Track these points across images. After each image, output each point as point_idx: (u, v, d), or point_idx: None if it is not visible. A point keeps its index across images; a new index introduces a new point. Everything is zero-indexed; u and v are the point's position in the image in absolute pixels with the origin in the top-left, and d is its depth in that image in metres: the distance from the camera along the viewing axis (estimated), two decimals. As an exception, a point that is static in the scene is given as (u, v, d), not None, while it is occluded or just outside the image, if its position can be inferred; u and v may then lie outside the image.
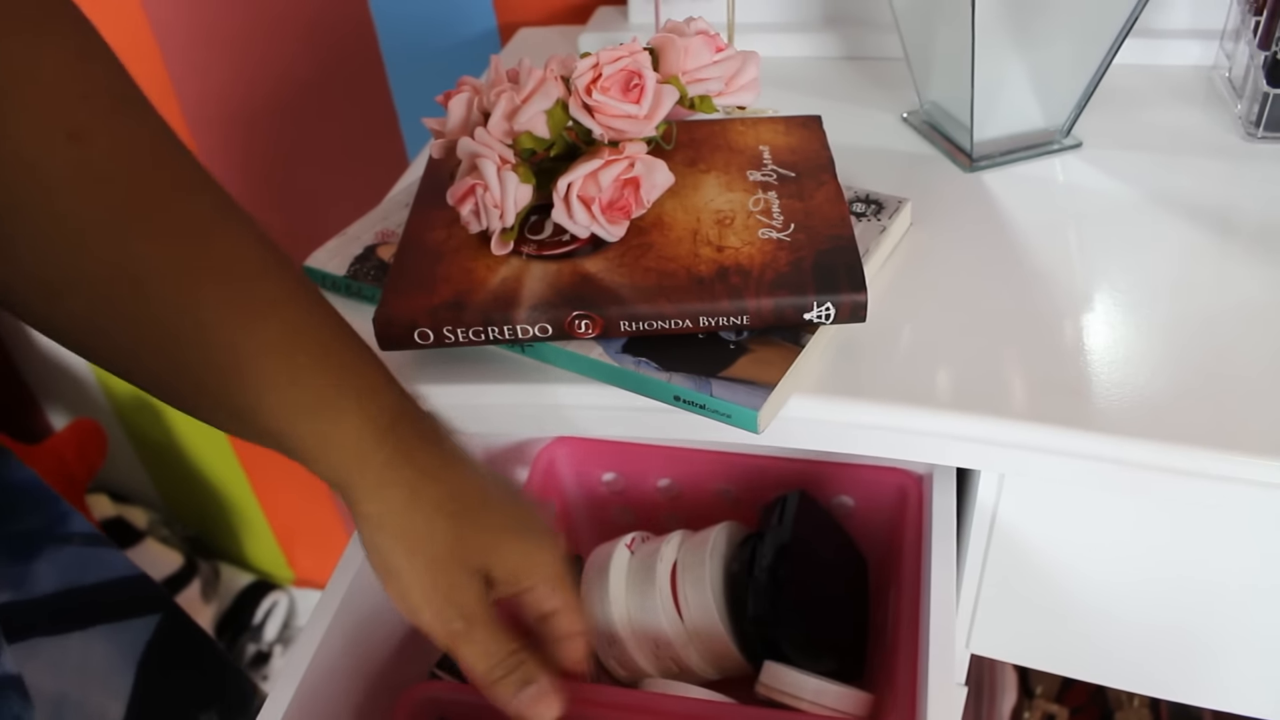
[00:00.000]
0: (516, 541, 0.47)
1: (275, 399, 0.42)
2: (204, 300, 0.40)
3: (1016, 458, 0.52)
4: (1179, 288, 0.59)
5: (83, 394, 1.74)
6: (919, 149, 0.75)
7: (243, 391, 0.42)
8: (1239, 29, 0.76)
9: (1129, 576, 0.59)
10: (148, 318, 0.40)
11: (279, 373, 0.42)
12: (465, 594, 0.45)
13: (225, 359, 0.41)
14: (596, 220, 0.54)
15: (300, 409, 0.42)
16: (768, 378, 0.51)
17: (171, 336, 0.40)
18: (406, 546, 0.45)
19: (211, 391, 0.42)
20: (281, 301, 0.42)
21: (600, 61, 0.54)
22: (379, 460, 0.44)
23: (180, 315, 0.40)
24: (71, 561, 0.62)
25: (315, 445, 0.43)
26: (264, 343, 0.41)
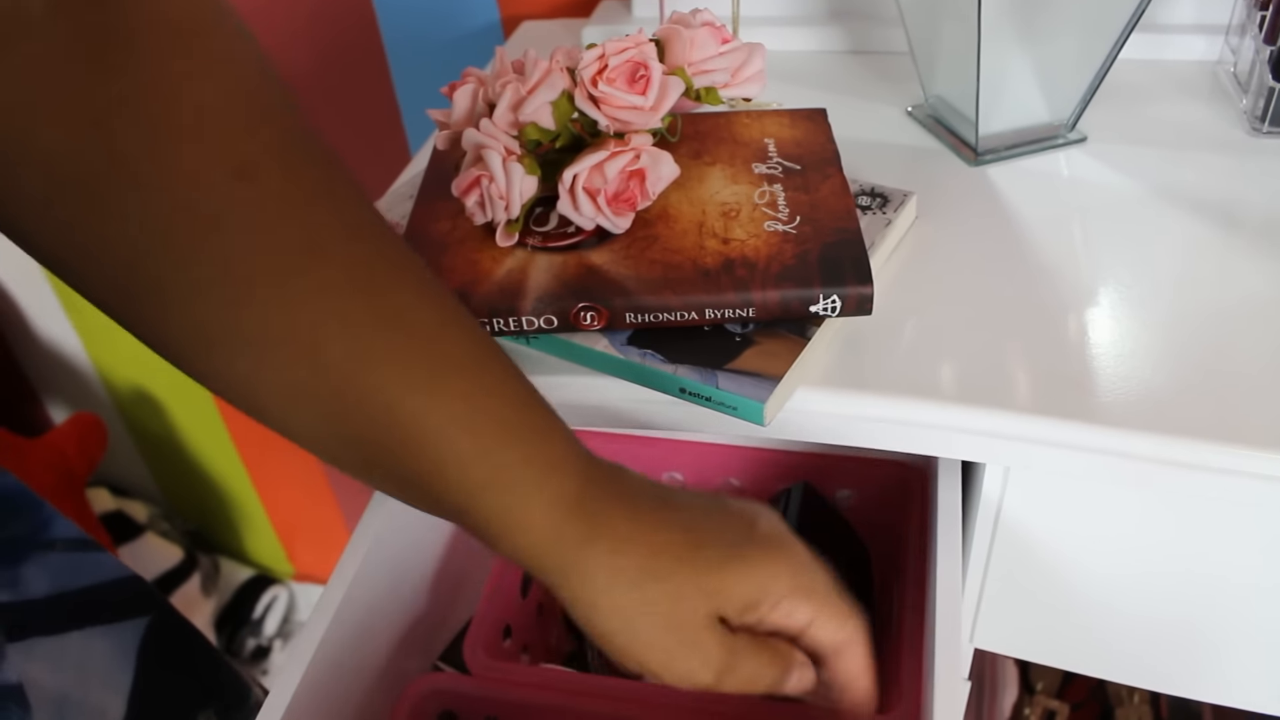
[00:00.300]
0: (738, 575, 0.42)
1: (457, 473, 0.38)
2: (374, 360, 0.36)
3: (1021, 451, 0.52)
4: (1183, 282, 0.59)
5: (83, 388, 1.74)
6: (924, 143, 0.75)
7: (418, 463, 0.38)
8: (1244, 24, 0.76)
9: (1133, 570, 0.59)
10: (312, 377, 0.36)
11: (460, 446, 0.38)
12: (705, 646, 0.41)
13: (398, 428, 0.37)
14: (602, 212, 0.54)
15: (484, 485, 0.39)
16: (774, 370, 0.51)
17: (338, 398, 0.37)
18: (623, 622, 0.41)
19: (382, 461, 0.38)
20: (463, 362, 0.39)
21: (606, 53, 0.54)
22: (573, 538, 0.40)
23: (348, 378, 0.36)
24: (60, 566, 0.61)
25: (503, 526, 0.39)
26: (444, 411, 0.38)
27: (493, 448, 0.39)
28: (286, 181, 0.35)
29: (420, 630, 0.66)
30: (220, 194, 0.34)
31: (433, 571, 0.67)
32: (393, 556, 0.61)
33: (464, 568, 0.71)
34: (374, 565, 0.59)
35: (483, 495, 0.39)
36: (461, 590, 0.71)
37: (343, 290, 0.36)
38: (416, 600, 0.65)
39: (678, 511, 0.42)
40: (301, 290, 0.35)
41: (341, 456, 0.39)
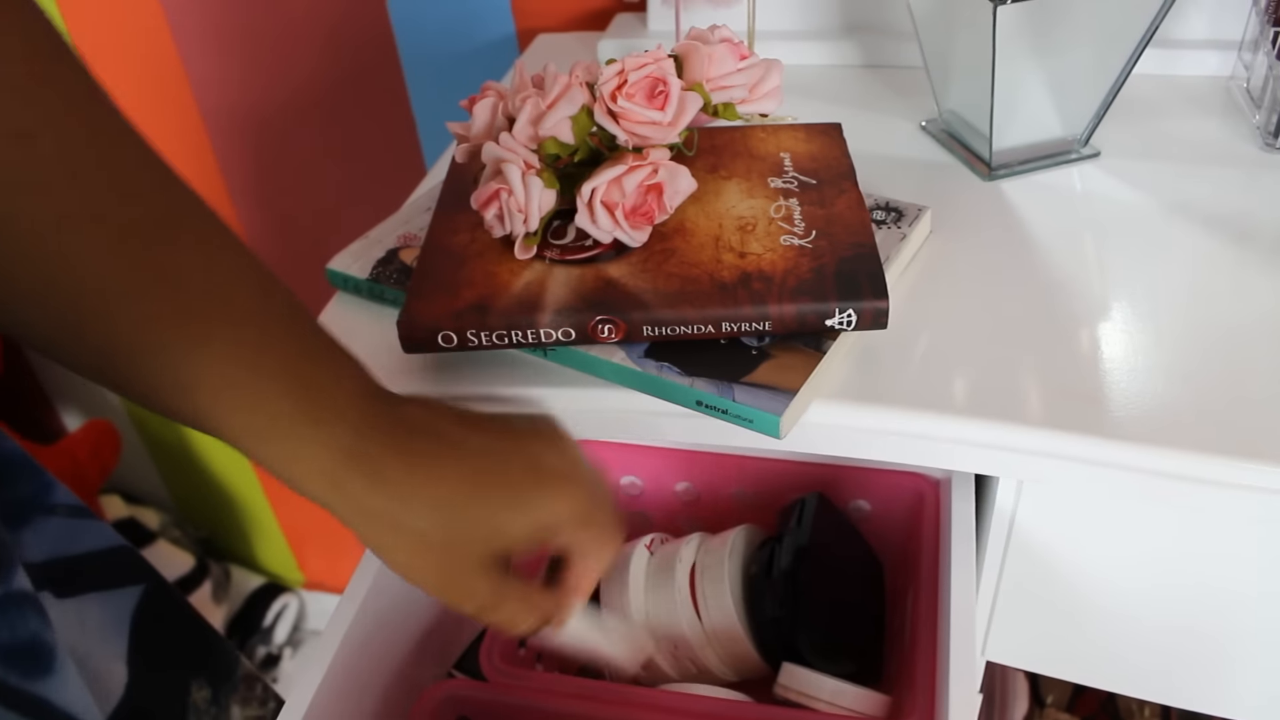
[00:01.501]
0: (518, 513, 0.45)
1: (237, 422, 0.41)
2: (150, 317, 0.39)
3: (1035, 465, 0.53)
4: (1196, 297, 0.60)
5: (96, 395, 1.75)
6: (938, 157, 0.76)
7: (203, 414, 0.41)
8: (1257, 39, 0.77)
9: (1145, 584, 0.60)
10: (92, 331, 0.39)
11: (232, 400, 0.40)
12: (473, 585, 0.45)
13: (183, 380, 0.40)
14: (620, 225, 0.55)
15: (262, 434, 0.41)
16: (790, 383, 0.52)
17: (123, 352, 0.39)
18: (404, 556, 0.44)
19: (177, 407, 0.41)
20: (239, 319, 0.41)
21: (626, 68, 0.54)
22: (351, 486, 0.42)
23: (127, 332, 0.39)
24: (59, 532, 0.62)
25: (285, 469, 0.42)
26: (215, 368, 0.40)
27: (265, 398, 0.41)
28: (67, 146, 0.37)
29: (435, 638, 0.66)
30: (2, 155, 0.35)
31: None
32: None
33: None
34: (390, 573, 0.59)
35: (264, 443, 0.41)
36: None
37: (118, 250, 0.38)
38: (432, 608, 0.66)
39: (459, 455, 0.44)
40: (76, 249, 0.37)
41: (147, 398, 0.41)
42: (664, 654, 0.62)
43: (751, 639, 0.60)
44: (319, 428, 0.42)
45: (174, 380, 0.40)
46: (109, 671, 0.61)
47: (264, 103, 1.26)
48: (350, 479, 0.42)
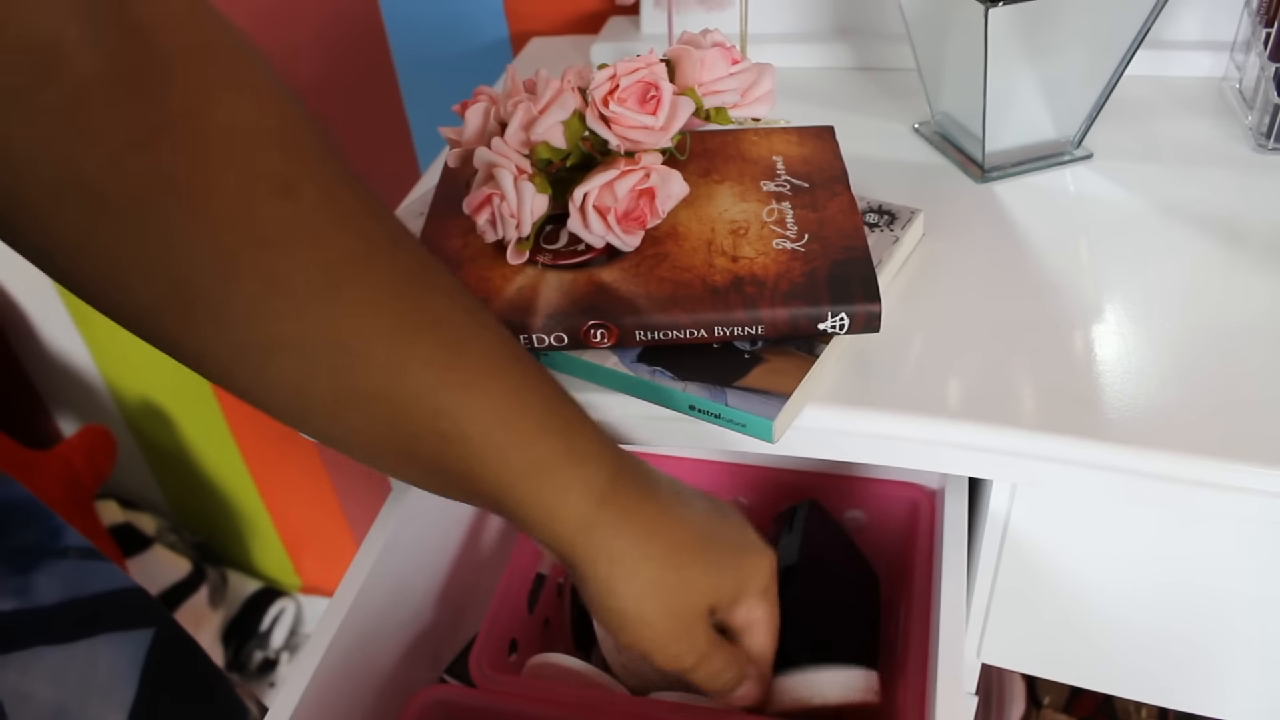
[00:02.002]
0: (732, 574, 0.48)
1: (497, 466, 0.41)
2: (419, 363, 0.39)
3: (1028, 467, 0.53)
4: (1190, 299, 0.60)
5: (92, 400, 1.74)
6: (930, 159, 0.76)
7: (460, 458, 0.40)
8: (1249, 40, 0.77)
9: (1140, 586, 0.60)
10: (359, 382, 0.38)
11: (501, 440, 0.40)
12: (696, 634, 0.47)
13: (442, 425, 0.39)
14: (612, 230, 0.55)
15: (522, 476, 0.41)
16: (782, 387, 0.52)
17: (384, 400, 0.39)
18: (638, 604, 0.45)
19: (424, 457, 0.41)
20: (498, 361, 0.41)
21: (617, 73, 0.54)
22: (603, 526, 0.43)
23: (395, 380, 0.38)
24: (71, 574, 0.62)
25: (538, 514, 0.42)
26: (484, 408, 0.40)
27: (529, 441, 0.41)
28: (326, 196, 0.37)
29: (426, 643, 0.66)
30: (264, 211, 0.35)
31: (439, 585, 0.67)
32: (400, 569, 0.61)
33: (470, 581, 0.71)
34: (381, 578, 0.59)
35: (520, 485, 0.42)
36: (468, 604, 0.71)
37: (385, 299, 0.38)
38: (423, 613, 0.66)
39: (691, 509, 0.47)
40: (347, 300, 0.37)
41: (381, 456, 0.41)
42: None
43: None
44: (581, 467, 0.43)
45: (431, 429, 0.40)
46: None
47: (258, 107, 1.26)
48: (603, 519, 0.43)
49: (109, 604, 0.64)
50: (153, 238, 0.34)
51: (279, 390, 0.38)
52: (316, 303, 0.36)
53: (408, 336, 0.38)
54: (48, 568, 0.61)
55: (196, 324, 0.36)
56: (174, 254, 0.34)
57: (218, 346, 0.37)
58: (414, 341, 0.38)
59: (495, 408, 0.40)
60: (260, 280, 0.35)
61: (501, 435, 0.40)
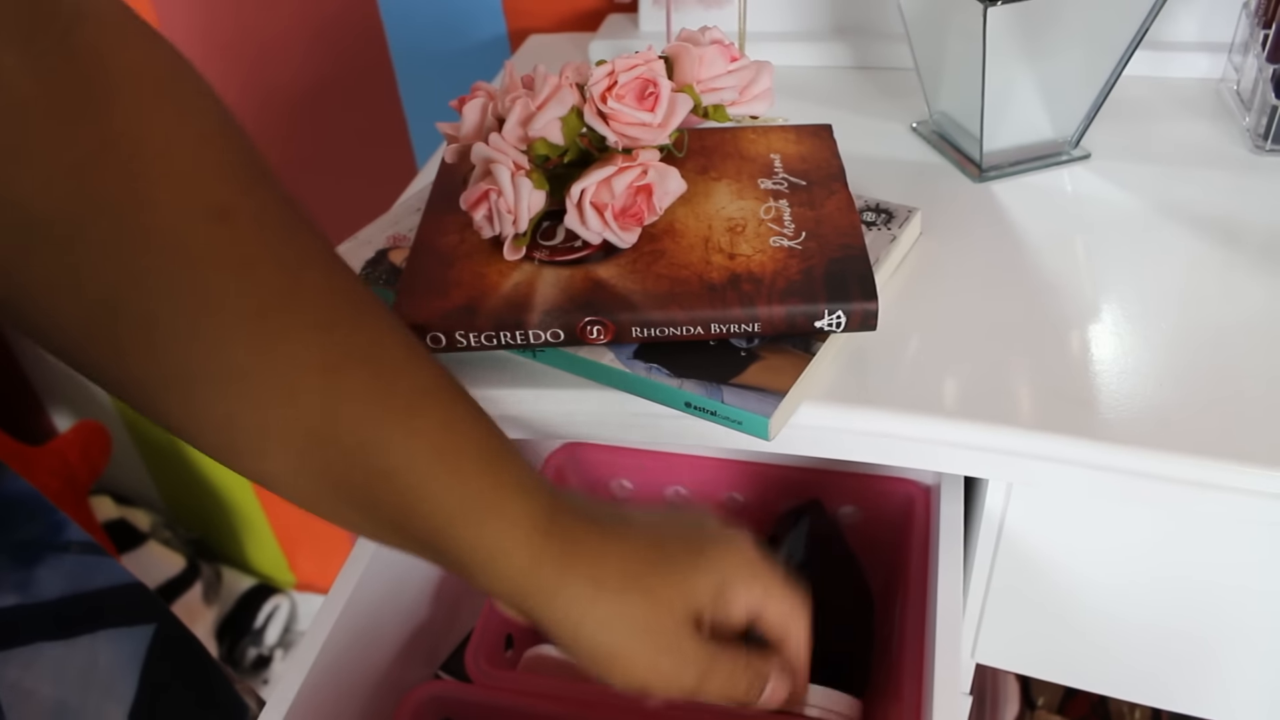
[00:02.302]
0: (701, 572, 0.44)
1: (433, 502, 0.39)
2: (350, 395, 0.37)
3: (1024, 467, 0.53)
4: (1186, 299, 0.60)
5: (87, 396, 1.74)
6: (928, 159, 0.76)
7: (395, 494, 0.39)
8: (1247, 42, 0.77)
9: (1135, 586, 0.60)
10: (289, 413, 0.37)
11: (437, 474, 0.39)
12: (684, 649, 0.44)
13: (374, 460, 0.38)
14: (609, 227, 0.55)
15: (460, 511, 0.40)
16: (779, 385, 0.52)
17: (314, 434, 0.37)
18: (608, 636, 0.42)
19: (357, 495, 0.39)
20: (431, 393, 0.39)
21: (616, 69, 0.54)
22: (550, 561, 0.41)
23: (325, 412, 0.37)
24: (73, 568, 0.62)
25: (480, 555, 0.40)
26: (419, 443, 0.38)
27: (466, 474, 0.40)
28: (259, 223, 0.36)
29: (422, 640, 0.66)
30: (198, 234, 0.34)
31: (434, 582, 0.67)
32: (395, 566, 0.61)
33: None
34: (376, 574, 0.59)
35: (461, 524, 0.40)
36: (463, 601, 0.71)
37: (316, 329, 0.37)
38: (418, 610, 0.66)
39: (632, 524, 0.45)
40: (277, 329, 0.36)
41: (314, 495, 0.39)
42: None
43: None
44: (520, 500, 0.41)
45: (369, 463, 0.38)
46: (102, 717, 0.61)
47: (254, 101, 1.26)
48: (549, 553, 0.41)
49: (110, 600, 0.64)
50: (82, 260, 0.33)
51: (207, 421, 0.37)
52: (245, 330, 0.35)
53: (338, 367, 0.37)
54: (50, 562, 0.61)
55: (123, 350, 0.35)
56: (103, 276, 0.34)
57: (144, 373, 0.36)
58: (345, 373, 0.37)
59: (429, 442, 0.39)
60: (189, 305, 0.35)
61: (437, 469, 0.39)
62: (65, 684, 0.59)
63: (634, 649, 0.43)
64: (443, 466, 0.39)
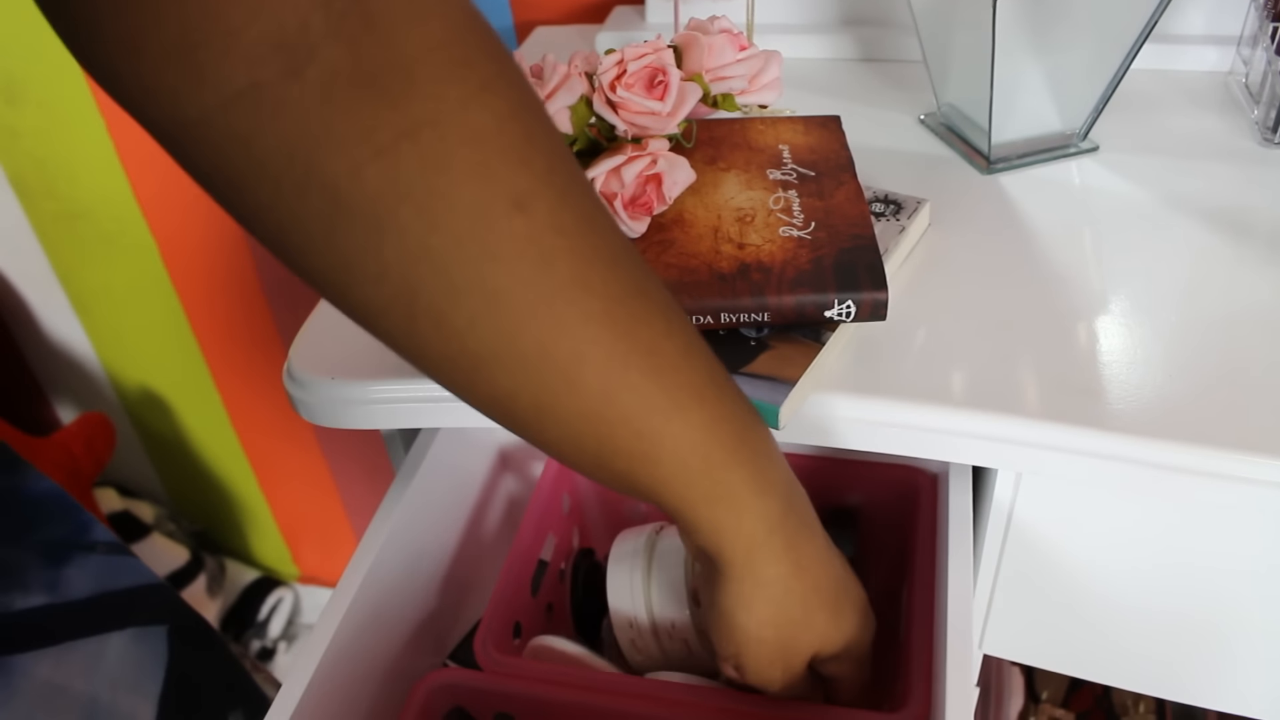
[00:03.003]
0: (847, 630, 0.49)
1: (683, 490, 0.42)
2: (631, 389, 0.39)
3: (1033, 456, 0.53)
4: (1194, 291, 0.60)
5: (91, 388, 1.74)
6: (936, 150, 0.76)
7: (650, 476, 0.41)
8: (1256, 35, 0.77)
9: (1143, 576, 0.60)
10: (567, 400, 0.39)
11: (693, 466, 0.41)
12: (795, 669, 0.49)
13: (642, 448, 0.40)
14: (618, 216, 0.55)
15: (704, 500, 0.43)
16: (789, 374, 0.52)
17: (589, 419, 0.39)
18: (760, 627, 0.46)
19: (616, 469, 0.41)
20: (702, 390, 0.41)
21: (625, 58, 0.54)
22: (764, 551, 0.44)
23: (605, 403, 0.39)
24: (101, 568, 0.63)
25: (708, 529, 0.44)
26: (684, 436, 0.41)
27: (719, 470, 0.42)
28: (558, 212, 0.36)
29: (430, 629, 0.66)
30: (500, 227, 0.35)
31: (443, 571, 0.67)
32: (404, 556, 0.61)
33: (473, 568, 0.71)
34: (385, 564, 0.59)
35: (701, 507, 0.43)
36: (471, 590, 0.71)
37: (604, 320, 0.38)
38: (427, 599, 0.66)
39: (836, 558, 0.49)
40: (566, 322, 0.37)
41: (575, 461, 0.42)
42: (662, 635, 0.62)
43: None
44: (761, 498, 0.44)
45: (630, 450, 0.40)
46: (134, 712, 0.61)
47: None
48: (767, 546, 0.44)
49: (136, 598, 0.64)
50: (387, 246, 0.34)
51: (487, 396, 0.39)
52: (536, 322, 0.36)
53: (619, 362, 0.38)
54: (78, 562, 0.61)
55: (418, 328, 0.36)
56: (406, 263, 0.34)
57: (435, 351, 0.37)
58: (625, 368, 0.39)
59: (693, 437, 0.41)
60: (486, 295, 0.35)
61: (694, 463, 0.41)
62: (95, 680, 0.59)
63: (768, 646, 0.47)
64: (700, 460, 0.41)
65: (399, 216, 0.33)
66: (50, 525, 0.61)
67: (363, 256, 0.34)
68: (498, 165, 0.34)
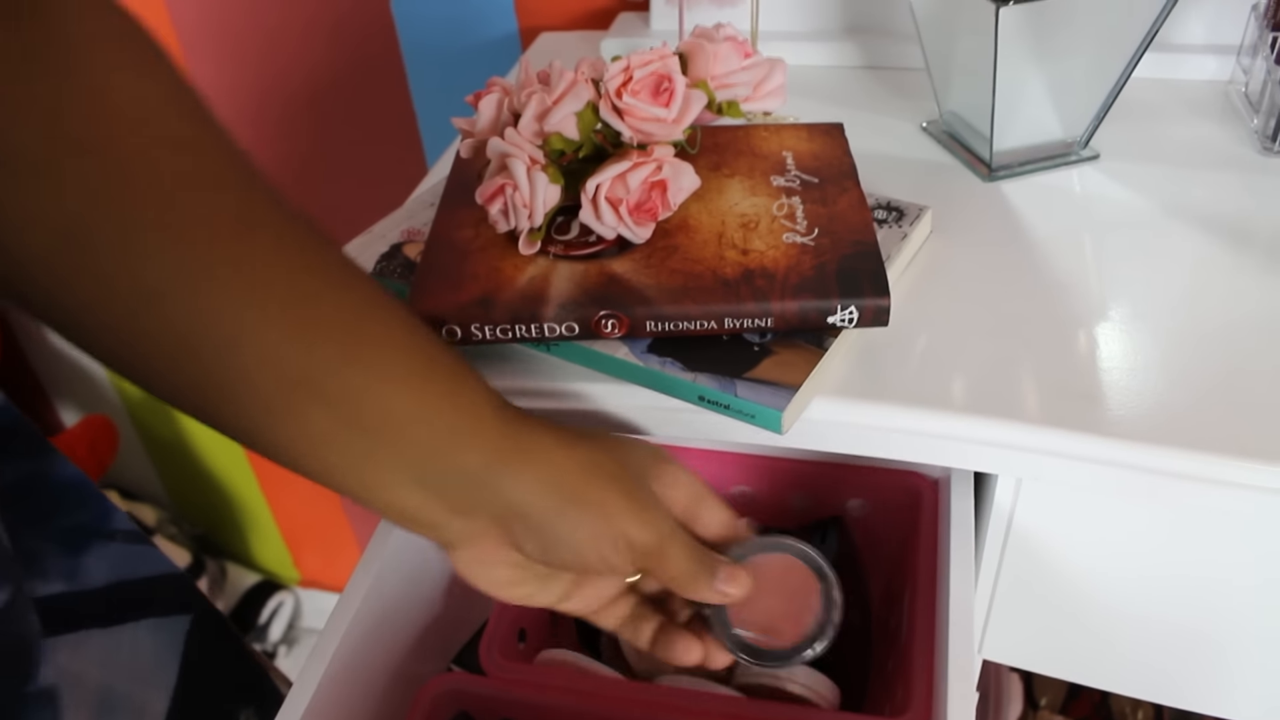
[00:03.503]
0: (658, 457, 0.48)
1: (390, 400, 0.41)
2: (318, 300, 0.40)
3: (1033, 462, 0.53)
4: (1194, 298, 0.60)
5: (94, 390, 1.75)
6: (938, 158, 0.76)
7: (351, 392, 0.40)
8: (1256, 44, 0.77)
9: (1143, 582, 0.60)
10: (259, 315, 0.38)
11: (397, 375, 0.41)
12: (656, 505, 0.46)
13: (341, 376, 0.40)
14: (624, 222, 0.55)
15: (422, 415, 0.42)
16: (791, 379, 0.52)
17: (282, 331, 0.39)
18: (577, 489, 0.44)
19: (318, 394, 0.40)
20: (378, 307, 0.42)
21: (631, 65, 0.55)
22: (516, 423, 0.44)
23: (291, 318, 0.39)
24: (119, 557, 0.63)
25: (432, 455, 0.42)
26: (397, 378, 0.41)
27: (423, 380, 0.42)
28: (222, 151, 0.38)
29: (435, 633, 0.66)
30: (166, 160, 0.36)
31: (448, 576, 0.68)
32: (411, 561, 0.62)
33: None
34: (393, 569, 0.59)
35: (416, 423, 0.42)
36: (476, 595, 0.72)
37: (280, 241, 0.39)
38: (433, 604, 0.66)
39: (593, 440, 0.47)
40: (249, 243, 0.38)
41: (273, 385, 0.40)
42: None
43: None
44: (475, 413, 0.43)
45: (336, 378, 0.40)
46: (146, 704, 0.61)
47: (266, 98, 1.26)
48: (514, 423, 0.44)
49: (154, 588, 0.65)
50: (53, 187, 0.35)
51: (176, 327, 0.38)
52: (216, 244, 0.37)
53: (303, 273, 0.39)
54: (97, 550, 0.62)
55: (99, 269, 0.36)
56: (74, 203, 0.35)
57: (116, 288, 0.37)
58: (309, 282, 0.39)
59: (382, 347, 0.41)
60: (160, 222, 0.36)
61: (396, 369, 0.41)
62: (111, 670, 0.60)
63: (601, 498, 0.45)
64: (405, 350, 0.41)
65: (66, 161, 0.35)
66: (73, 512, 0.62)
67: (30, 201, 0.35)
68: (162, 116, 0.37)
